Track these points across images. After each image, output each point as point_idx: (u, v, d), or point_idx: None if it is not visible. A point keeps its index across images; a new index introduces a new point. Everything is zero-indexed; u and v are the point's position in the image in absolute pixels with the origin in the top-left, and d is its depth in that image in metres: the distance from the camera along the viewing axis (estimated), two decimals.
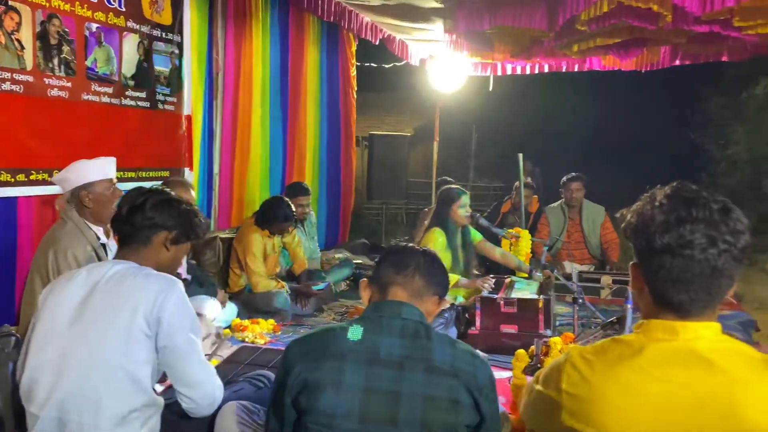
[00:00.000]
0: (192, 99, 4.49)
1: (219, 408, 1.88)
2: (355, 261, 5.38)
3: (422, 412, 1.33)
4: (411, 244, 1.63)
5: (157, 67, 4.11)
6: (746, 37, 4.77)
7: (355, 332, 1.42)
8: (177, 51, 4.28)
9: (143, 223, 1.83)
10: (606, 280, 4.26)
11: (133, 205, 1.85)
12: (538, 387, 1.32)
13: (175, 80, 4.27)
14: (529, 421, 1.44)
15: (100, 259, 2.51)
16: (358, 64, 7.00)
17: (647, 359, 1.15)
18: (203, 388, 1.76)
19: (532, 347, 2.54)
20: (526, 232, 4.65)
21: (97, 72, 3.59)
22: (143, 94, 3.98)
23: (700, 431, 1.10)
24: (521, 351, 2.05)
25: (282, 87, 5.60)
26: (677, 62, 6.24)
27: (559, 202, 5.56)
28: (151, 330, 1.68)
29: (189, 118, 4.41)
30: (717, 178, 11.58)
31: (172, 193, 1.95)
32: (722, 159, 11.48)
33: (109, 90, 3.69)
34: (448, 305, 3.43)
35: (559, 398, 1.22)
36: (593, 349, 1.23)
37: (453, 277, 3.95)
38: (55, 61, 3.30)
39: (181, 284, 1.78)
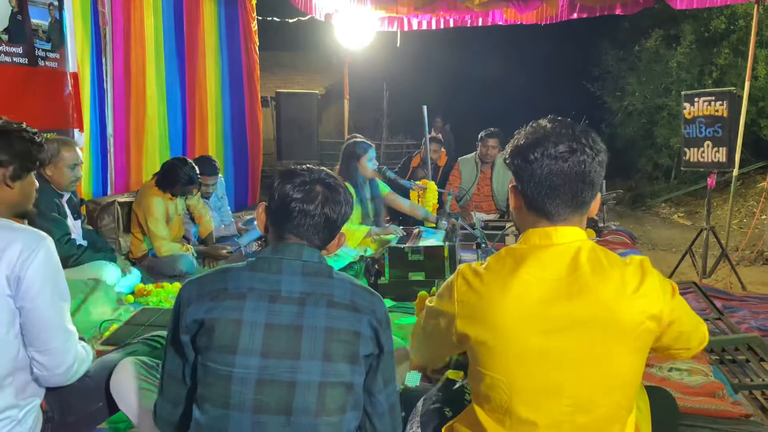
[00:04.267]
0: (78, 55, 4.18)
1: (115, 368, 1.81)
2: None
3: (324, 344, 1.34)
4: (313, 184, 1.42)
5: (34, 20, 3.78)
6: None
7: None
8: (56, 2, 3.96)
9: None
10: (510, 226, 4.41)
11: None
12: (432, 304, 1.44)
13: (56, 35, 3.96)
14: (423, 341, 1.51)
15: None
16: (260, 18, 6.75)
17: (530, 265, 1.30)
18: (58, 357, 1.64)
19: (434, 288, 2.61)
20: (433, 183, 4.72)
21: None
22: (20, 50, 3.66)
23: (573, 318, 1.27)
24: (423, 292, 2.09)
25: (177, 42, 5.33)
26: (575, 15, 6.44)
27: (472, 154, 5.64)
28: (11, 289, 1.55)
29: (75, 76, 4.11)
30: (615, 129, 12.16)
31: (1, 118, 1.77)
32: (619, 110, 12.04)
33: None
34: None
35: (452, 309, 1.36)
36: (482, 263, 1.37)
37: (364, 229, 3.98)
38: None
39: (50, 241, 1.64)
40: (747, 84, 5.71)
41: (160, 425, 1.52)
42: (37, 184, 1.84)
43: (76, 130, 4.10)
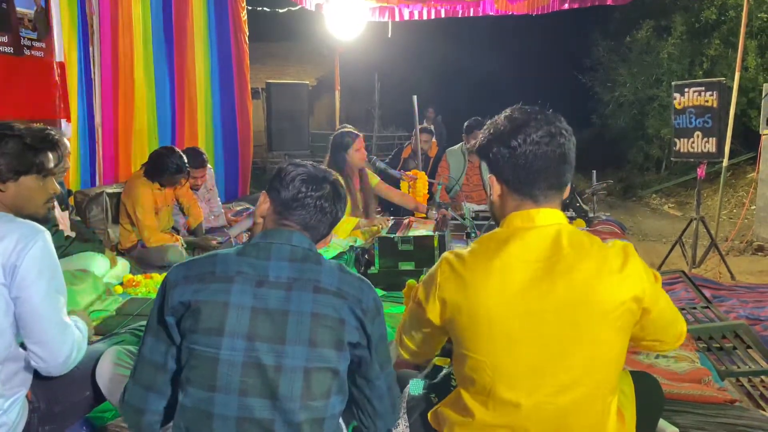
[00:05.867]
0: (64, 44, 4.14)
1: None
2: None
3: (310, 329, 1.35)
4: (326, 182, 1.49)
5: (20, 9, 3.73)
6: None
7: None
8: None
9: None
10: None
11: None
12: (418, 294, 1.45)
13: (42, 23, 3.91)
14: (411, 332, 1.52)
15: None
16: (249, 8, 6.70)
17: (512, 247, 1.32)
18: (53, 348, 1.64)
19: (422, 275, 2.60)
20: (423, 173, 4.71)
21: None
22: (5, 39, 3.62)
23: (555, 298, 1.28)
24: (411, 280, 2.08)
25: (166, 31, 5.28)
26: (566, 6, 6.42)
27: (459, 144, 5.64)
28: (5, 278, 1.55)
29: (62, 65, 4.07)
30: (606, 120, 12.19)
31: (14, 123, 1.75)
32: (610, 101, 12.06)
33: None
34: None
35: (436, 293, 1.37)
36: (466, 248, 1.39)
37: (353, 221, 3.97)
38: None
39: (46, 234, 1.64)
40: (737, 75, 5.72)
41: (126, 411, 1.47)
42: (53, 189, 1.81)
43: (63, 120, 4.06)
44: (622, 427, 1.40)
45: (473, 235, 3.39)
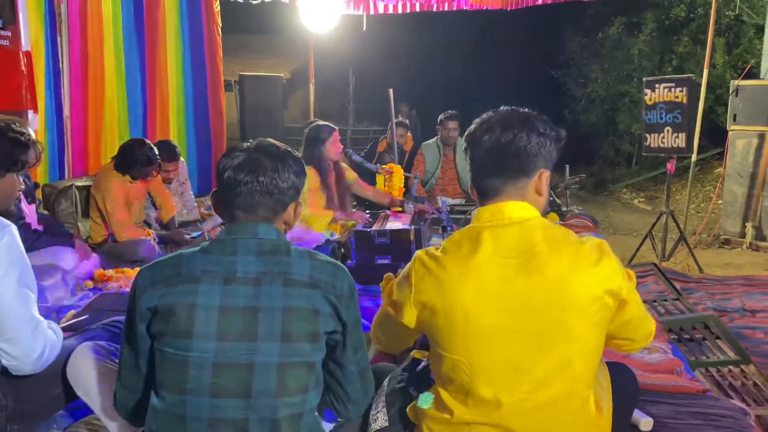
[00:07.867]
0: (31, 33, 4.02)
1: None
2: None
3: (282, 324, 1.32)
4: (249, 152, 1.40)
5: None
6: None
7: None
8: None
9: None
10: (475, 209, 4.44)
11: None
12: (393, 294, 1.45)
13: (7, 12, 3.79)
14: (385, 329, 1.51)
15: None
16: None
17: (486, 246, 1.31)
18: (24, 345, 1.61)
19: (399, 270, 2.59)
20: (399, 167, 4.71)
21: None
22: None
23: (531, 295, 1.29)
24: (389, 274, 2.07)
25: (137, 21, 5.19)
26: (540, 1, 6.47)
27: (434, 138, 5.66)
28: None
29: (28, 55, 3.95)
30: (578, 115, 12.32)
31: None
32: (582, 97, 12.18)
33: None
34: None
35: (411, 295, 1.37)
36: (438, 247, 1.39)
37: (328, 214, 3.96)
38: None
39: (13, 228, 1.59)
40: (705, 72, 5.83)
41: (120, 410, 1.52)
42: (22, 185, 1.81)
43: (30, 111, 3.95)
44: (600, 419, 1.41)
45: (449, 229, 3.40)
